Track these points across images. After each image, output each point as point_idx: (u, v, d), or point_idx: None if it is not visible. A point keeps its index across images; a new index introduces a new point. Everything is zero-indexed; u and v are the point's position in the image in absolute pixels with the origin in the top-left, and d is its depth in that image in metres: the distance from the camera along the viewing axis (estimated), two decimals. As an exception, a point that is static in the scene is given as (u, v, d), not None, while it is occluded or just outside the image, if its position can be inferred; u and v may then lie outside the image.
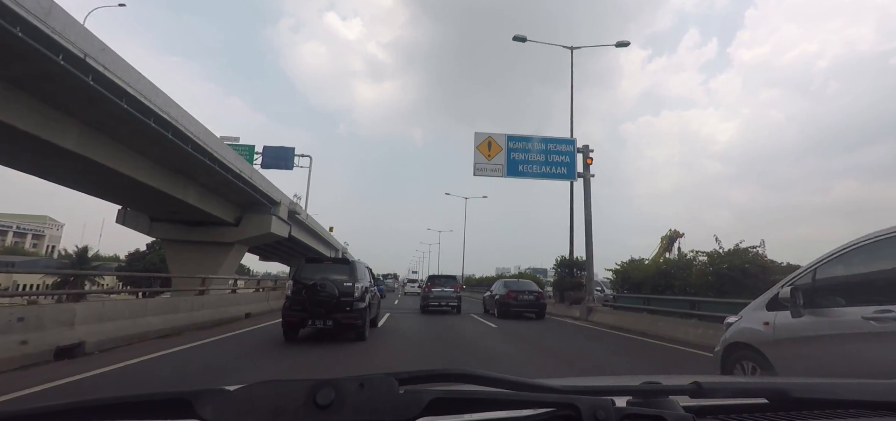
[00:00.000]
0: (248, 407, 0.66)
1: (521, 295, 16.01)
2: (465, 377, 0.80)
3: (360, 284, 8.95)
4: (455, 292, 17.65)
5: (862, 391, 1.02)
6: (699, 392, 0.88)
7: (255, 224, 26.01)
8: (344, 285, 8.59)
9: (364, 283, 9.35)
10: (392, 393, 0.68)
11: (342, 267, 9.48)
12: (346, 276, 8.92)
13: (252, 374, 6.01)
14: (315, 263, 10.07)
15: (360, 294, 8.82)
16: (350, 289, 8.64)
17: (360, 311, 8.70)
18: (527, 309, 16.07)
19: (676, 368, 7.56)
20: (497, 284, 17.99)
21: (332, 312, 8.34)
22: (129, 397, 0.71)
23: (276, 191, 26.17)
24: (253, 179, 22.82)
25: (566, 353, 8.86)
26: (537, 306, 16.22)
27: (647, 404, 0.80)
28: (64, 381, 5.26)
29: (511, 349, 9.19)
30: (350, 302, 8.55)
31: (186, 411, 0.65)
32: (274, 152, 38.11)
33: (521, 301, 15.87)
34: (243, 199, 24.39)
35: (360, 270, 9.64)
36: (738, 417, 0.93)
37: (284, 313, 8.63)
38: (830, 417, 0.92)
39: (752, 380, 1.66)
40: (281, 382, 0.69)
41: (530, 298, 16.14)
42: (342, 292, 8.46)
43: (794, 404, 0.94)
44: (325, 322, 8.38)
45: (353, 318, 8.56)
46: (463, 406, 0.76)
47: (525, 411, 0.79)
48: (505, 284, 17.48)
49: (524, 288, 16.66)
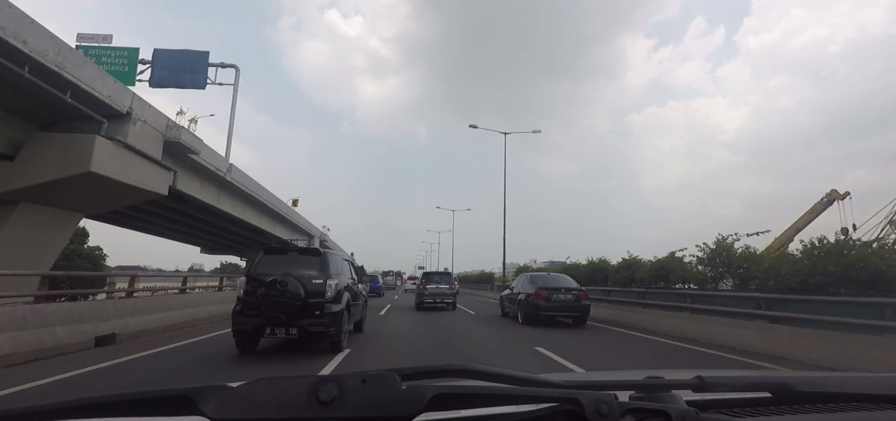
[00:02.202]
0: (250, 403, 0.66)
1: (557, 294, 12.13)
2: (468, 373, 0.80)
3: (334, 281, 7.27)
4: (450, 289, 17.51)
5: (865, 385, 1.02)
6: (702, 386, 0.88)
7: (57, 156, 12.19)
8: (313, 283, 6.97)
9: (340, 279, 7.73)
10: (394, 389, 0.68)
11: (311, 259, 7.55)
12: (317, 271, 7.20)
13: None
14: (276, 254, 7.84)
15: (335, 294, 7.19)
16: (321, 287, 7.00)
17: (334, 315, 7.06)
18: (564, 313, 12.21)
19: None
20: (521, 281, 14.01)
21: (296, 318, 6.73)
22: (132, 394, 0.71)
23: (112, 83, 12.91)
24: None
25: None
26: (578, 308, 12.20)
27: (649, 399, 0.80)
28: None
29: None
30: (321, 304, 6.92)
31: (189, 408, 0.65)
32: (173, 61, 23.39)
33: (556, 302, 12.02)
34: (32, 100, 11.30)
35: (334, 263, 7.93)
36: (741, 411, 0.93)
37: (235, 320, 6.96)
38: (834, 410, 0.92)
39: (755, 374, 1.65)
40: (283, 379, 0.70)
41: (569, 297, 12.19)
42: (311, 292, 6.86)
43: (798, 398, 0.94)
44: (287, 331, 6.75)
45: (325, 324, 6.92)
46: (465, 401, 0.76)
47: (528, 406, 0.79)
48: (531, 279, 13.37)
49: (559, 284, 12.71)
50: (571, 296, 12.26)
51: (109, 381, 5.52)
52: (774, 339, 8.03)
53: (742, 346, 8.36)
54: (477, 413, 0.83)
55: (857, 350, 6.64)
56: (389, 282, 47.23)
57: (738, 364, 7.06)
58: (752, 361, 7.27)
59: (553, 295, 12.10)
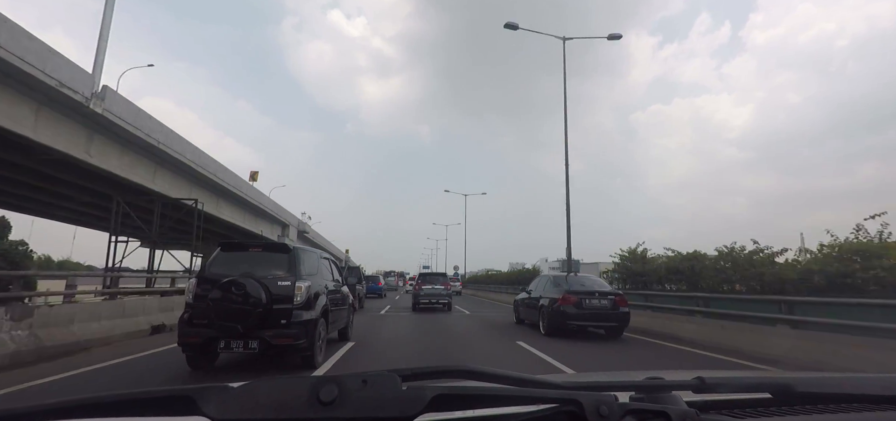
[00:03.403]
0: (251, 403, 0.66)
1: (589, 298, 9.96)
2: (468, 373, 0.80)
3: (305, 283, 6.07)
4: (446, 290, 17.59)
5: (866, 385, 1.02)
6: (702, 387, 0.88)
7: None
8: (279, 285, 5.85)
9: (315, 281, 6.49)
10: (395, 389, 0.68)
11: (278, 257, 6.33)
12: (284, 270, 6.06)
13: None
14: (235, 250, 6.55)
15: (306, 299, 6.00)
16: (288, 290, 5.87)
17: (305, 324, 5.90)
18: (598, 322, 10.11)
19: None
20: (542, 283, 11.77)
21: (256, 328, 5.60)
22: (133, 394, 0.71)
23: None
24: None
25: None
26: (615, 317, 10.00)
27: (650, 399, 0.80)
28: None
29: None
30: (288, 311, 5.79)
31: (189, 408, 0.65)
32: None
33: (588, 309, 9.85)
34: None
35: (308, 261, 6.69)
36: (741, 412, 0.93)
37: (181, 330, 5.81)
38: (834, 411, 0.92)
39: (755, 375, 1.66)
40: (284, 379, 0.70)
41: (604, 303, 9.98)
42: (276, 296, 5.74)
43: (798, 399, 0.94)
44: (245, 344, 5.61)
45: (293, 335, 5.76)
46: (466, 402, 0.76)
47: (528, 407, 0.79)
48: (555, 281, 11.22)
49: (592, 287, 10.53)
50: (607, 301, 10.02)
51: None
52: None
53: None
54: (477, 414, 0.84)
55: None
56: (391, 282, 47.08)
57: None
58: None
59: (585, 300, 9.87)
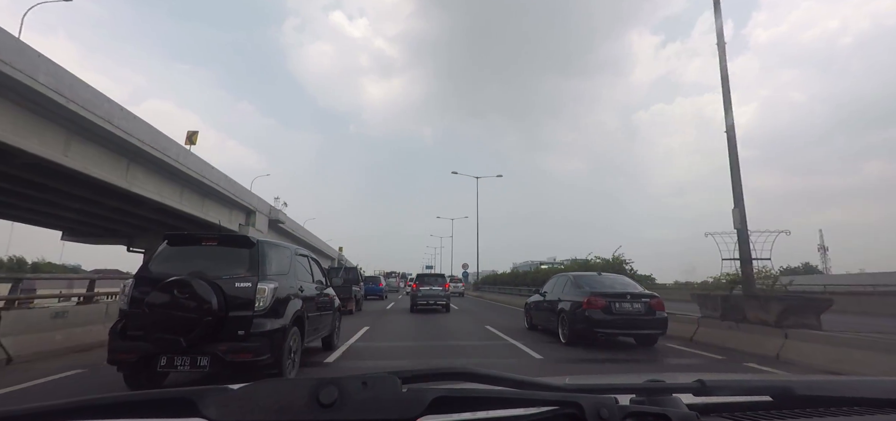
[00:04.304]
0: (251, 405, 0.67)
1: (620, 301, 8.52)
2: (468, 376, 0.80)
3: (270, 284, 4.99)
4: (444, 291, 17.62)
5: (866, 388, 1.02)
6: (703, 390, 0.88)
7: None
8: (236, 287, 4.82)
9: (285, 283, 5.40)
10: (395, 391, 0.68)
11: (237, 253, 5.23)
12: (245, 269, 5.03)
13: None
14: (184, 244, 5.43)
15: (272, 304, 4.93)
16: (248, 293, 4.82)
17: (269, 336, 4.82)
18: (631, 330, 8.67)
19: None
20: (560, 283, 10.32)
21: (205, 341, 4.53)
22: (133, 396, 0.72)
23: None
24: None
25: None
26: (652, 323, 8.56)
27: (650, 402, 0.80)
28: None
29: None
30: (247, 319, 4.74)
31: (190, 410, 0.65)
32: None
33: (620, 314, 8.42)
34: None
35: (276, 257, 5.57)
36: (742, 415, 0.93)
37: (112, 344, 4.67)
38: (835, 414, 0.92)
39: (756, 377, 1.65)
40: (284, 381, 0.70)
41: (638, 307, 8.53)
42: (232, 300, 4.72)
43: (799, 402, 0.94)
44: (195, 360, 4.55)
45: (253, 350, 4.67)
46: (466, 405, 0.76)
47: (528, 410, 0.79)
48: (576, 281, 9.64)
49: (623, 288, 9.13)
50: (641, 305, 8.56)
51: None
52: None
53: None
54: (478, 416, 0.83)
55: None
56: (393, 283, 46.89)
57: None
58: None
59: (615, 304, 8.44)
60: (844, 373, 6.19)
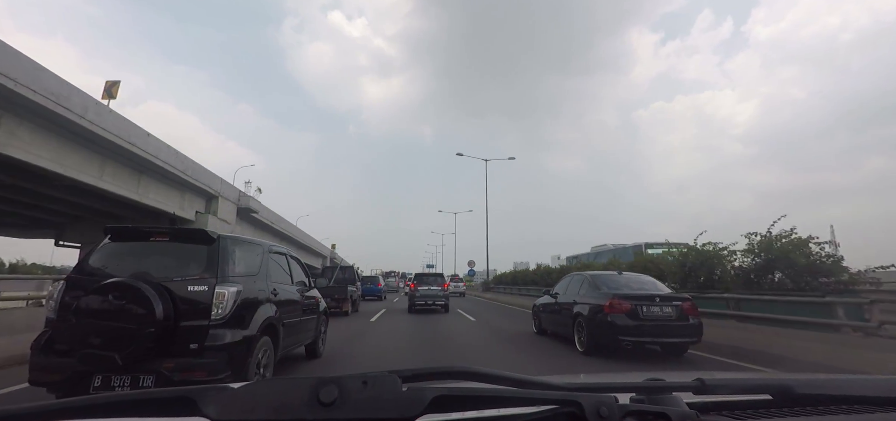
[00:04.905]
0: (251, 404, 0.67)
1: (648, 305, 7.49)
2: (469, 375, 0.80)
3: (232, 287, 4.28)
4: (442, 291, 17.14)
5: (865, 387, 1.02)
6: (703, 389, 0.88)
7: None
8: (189, 291, 4.09)
9: (251, 285, 4.71)
10: (395, 390, 0.68)
11: (192, 250, 4.50)
12: (201, 269, 4.28)
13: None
14: (129, 239, 4.66)
15: (234, 311, 4.23)
16: (204, 298, 4.10)
17: (229, 349, 4.11)
18: (661, 337, 7.48)
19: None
20: (574, 283, 9.30)
21: (147, 357, 3.76)
22: (134, 395, 0.72)
23: None
24: None
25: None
26: (685, 330, 7.51)
27: (650, 401, 0.80)
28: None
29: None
30: (201, 330, 4.02)
31: (190, 409, 0.66)
32: None
33: (648, 319, 7.39)
34: None
35: (244, 256, 4.87)
36: (742, 414, 0.93)
37: (34, 361, 3.90)
38: (834, 412, 0.92)
39: (756, 376, 1.66)
40: (284, 380, 0.70)
41: (668, 311, 7.49)
42: (182, 307, 4.01)
43: (799, 400, 0.94)
44: (137, 380, 3.77)
45: (209, 366, 3.95)
46: (466, 404, 0.76)
47: (528, 408, 0.79)
48: (594, 281, 8.58)
49: (649, 289, 8.12)
50: (672, 309, 7.49)
51: None
52: None
53: None
54: (478, 415, 0.84)
55: None
56: (391, 283, 46.81)
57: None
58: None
59: (642, 308, 7.39)
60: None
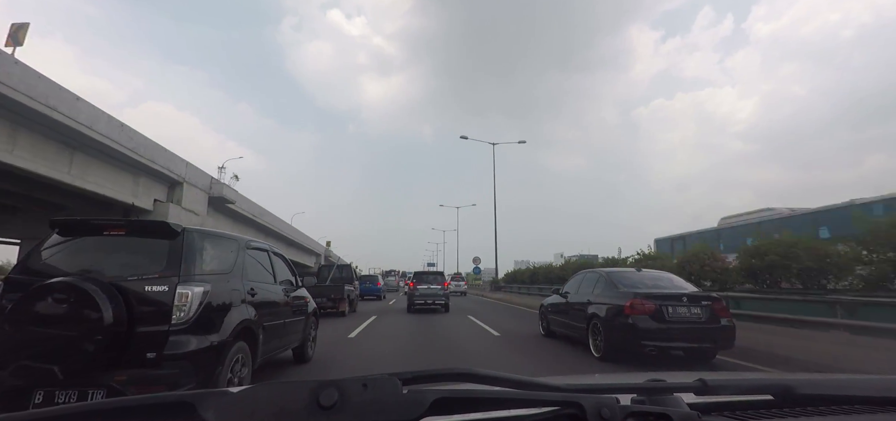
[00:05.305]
0: (250, 408, 0.66)
1: (674, 306, 6.68)
2: (469, 376, 0.80)
3: (198, 288, 3.78)
4: (443, 290, 16.56)
5: (867, 387, 1.02)
6: (704, 389, 0.88)
7: None
8: (146, 292, 3.61)
9: (223, 286, 4.23)
10: (396, 393, 0.68)
11: (152, 245, 3.98)
12: (161, 267, 3.77)
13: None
14: (80, 234, 4.13)
15: (200, 314, 3.74)
16: (163, 299, 3.63)
17: (193, 358, 3.64)
18: (689, 343, 6.71)
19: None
20: (587, 281, 8.48)
21: (97, 368, 3.32)
22: (132, 400, 0.71)
23: None
24: None
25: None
26: (717, 335, 6.74)
27: (651, 402, 0.80)
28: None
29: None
30: (160, 336, 3.54)
31: (189, 413, 0.65)
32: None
33: (675, 321, 6.59)
34: None
35: (213, 253, 4.32)
36: (743, 414, 0.93)
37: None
38: (836, 413, 0.92)
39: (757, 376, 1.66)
40: (284, 384, 0.70)
41: (696, 312, 6.68)
42: (139, 311, 3.54)
43: (800, 400, 0.94)
44: (86, 395, 3.32)
45: (168, 379, 3.50)
46: (467, 405, 0.76)
47: (529, 410, 0.79)
48: (610, 279, 7.71)
49: (675, 288, 7.31)
50: (701, 309, 6.67)
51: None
52: None
53: None
54: (478, 417, 0.83)
55: None
56: (391, 283, 46.70)
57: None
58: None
59: (668, 308, 6.57)
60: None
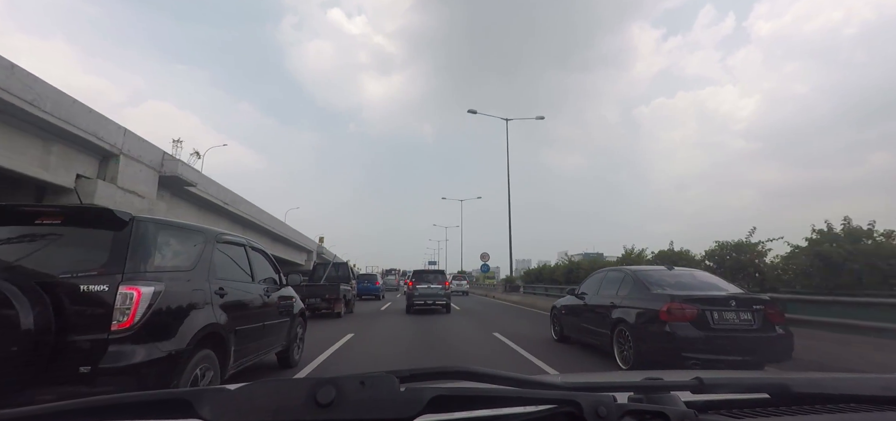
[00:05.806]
0: (248, 406, 0.67)
1: (720, 310, 5.55)
2: (467, 374, 0.80)
3: (149, 287, 3.21)
4: (443, 290, 15.78)
5: (863, 386, 1.02)
6: (701, 388, 0.88)
7: None
8: (81, 292, 3.02)
9: (183, 284, 3.66)
10: (393, 391, 0.68)
11: (94, 236, 3.41)
12: (101, 262, 3.17)
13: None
14: (6, 224, 3.40)
15: (148, 318, 3.15)
16: (101, 302, 3.02)
17: (138, 371, 3.03)
18: (739, 355, 5.38)
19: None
20: (609, 280, 7.44)
21: (15, 385, 2.69)
22: (129, 397, 0.71)
23: None
24: None
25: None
26: (771, 346, 5.57)
27: (648, 400, 0.80)
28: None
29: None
30: (98, 345, 2.95)
31: (186, 411, 0.65)
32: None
33: (722, 330, 5.44)
34: None
35: (167, 244, 3.73)
36: (740, 413, 0.93)
37: None
38: (832, 411, 0.92)
39: (754, 375, 1.67)
40: (281, 382, 0.70)
41: (747, 319, 5.56)
42: (68, 316, 2.95)
43: (797, 399, 0.94)
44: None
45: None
46: (464, 403, 0.76)
47: (527, 408, 0.79)
48: (638, 280, 6.59)
49: (720, 290, 6.11)
50: (751, 315, 5.62)
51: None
52: None
53: None
54: (476, 415, 0.84)
55: None
56: (391, 282, 46.47)
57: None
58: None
59: (712, 313, 5.51)
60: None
